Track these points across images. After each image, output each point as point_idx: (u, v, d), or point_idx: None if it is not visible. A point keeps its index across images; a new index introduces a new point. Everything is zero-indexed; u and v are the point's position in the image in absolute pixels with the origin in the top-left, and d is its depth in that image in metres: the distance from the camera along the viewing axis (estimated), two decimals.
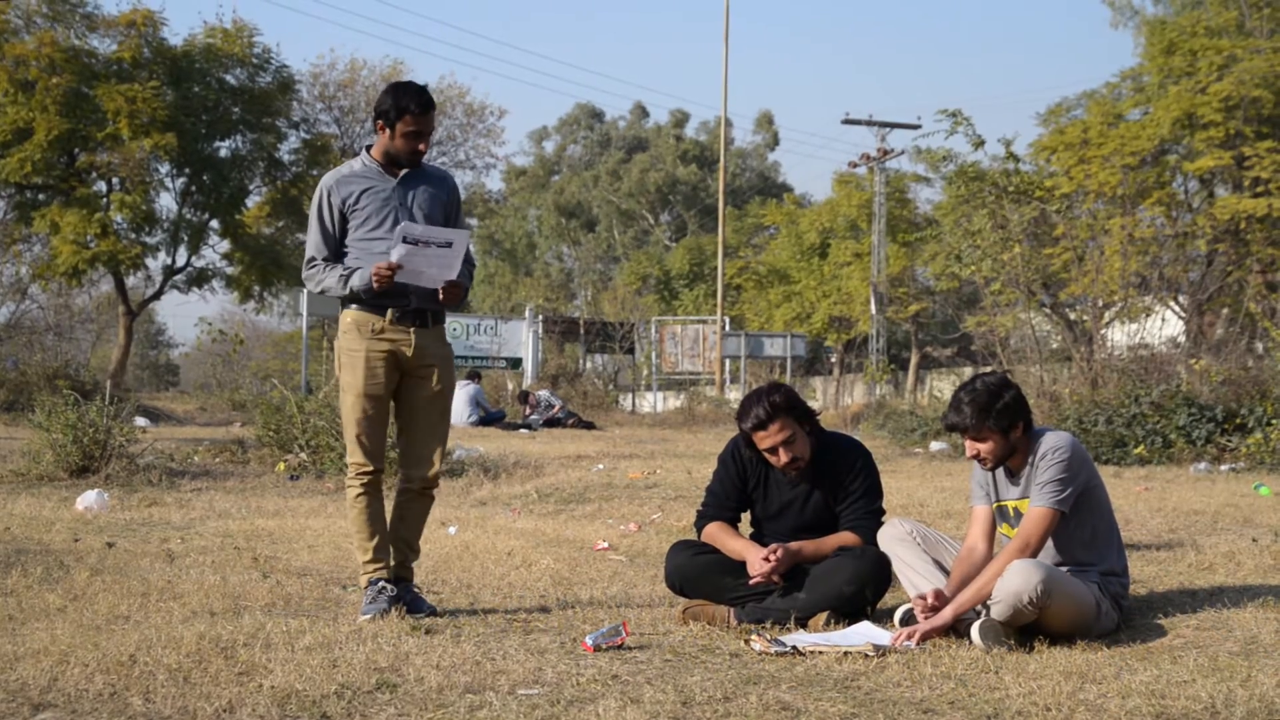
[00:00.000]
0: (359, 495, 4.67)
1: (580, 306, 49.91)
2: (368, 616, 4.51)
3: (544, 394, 21.00)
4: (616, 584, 5.56)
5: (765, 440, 4.68)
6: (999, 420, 4.36)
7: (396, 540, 4.76)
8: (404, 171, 4.66)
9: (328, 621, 4.47)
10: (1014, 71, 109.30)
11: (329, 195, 4.63)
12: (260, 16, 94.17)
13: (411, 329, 4.64)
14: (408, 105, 4.50)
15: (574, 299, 52.74)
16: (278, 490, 10.12)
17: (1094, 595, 4.29)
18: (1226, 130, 22.22)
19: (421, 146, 4.60)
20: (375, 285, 4.52)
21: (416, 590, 4.80)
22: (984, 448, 4.42)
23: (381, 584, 4.65)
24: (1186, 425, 12.21)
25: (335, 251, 4.68)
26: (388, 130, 4.55)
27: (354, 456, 4.69)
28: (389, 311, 4.61)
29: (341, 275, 4.60)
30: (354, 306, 4.66)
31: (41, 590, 5.21)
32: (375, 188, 4.63)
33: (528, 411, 20.31)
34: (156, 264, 30.21)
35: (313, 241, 4.70)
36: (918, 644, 4.09)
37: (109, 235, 26.30)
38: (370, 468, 4.67)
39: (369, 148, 4.70)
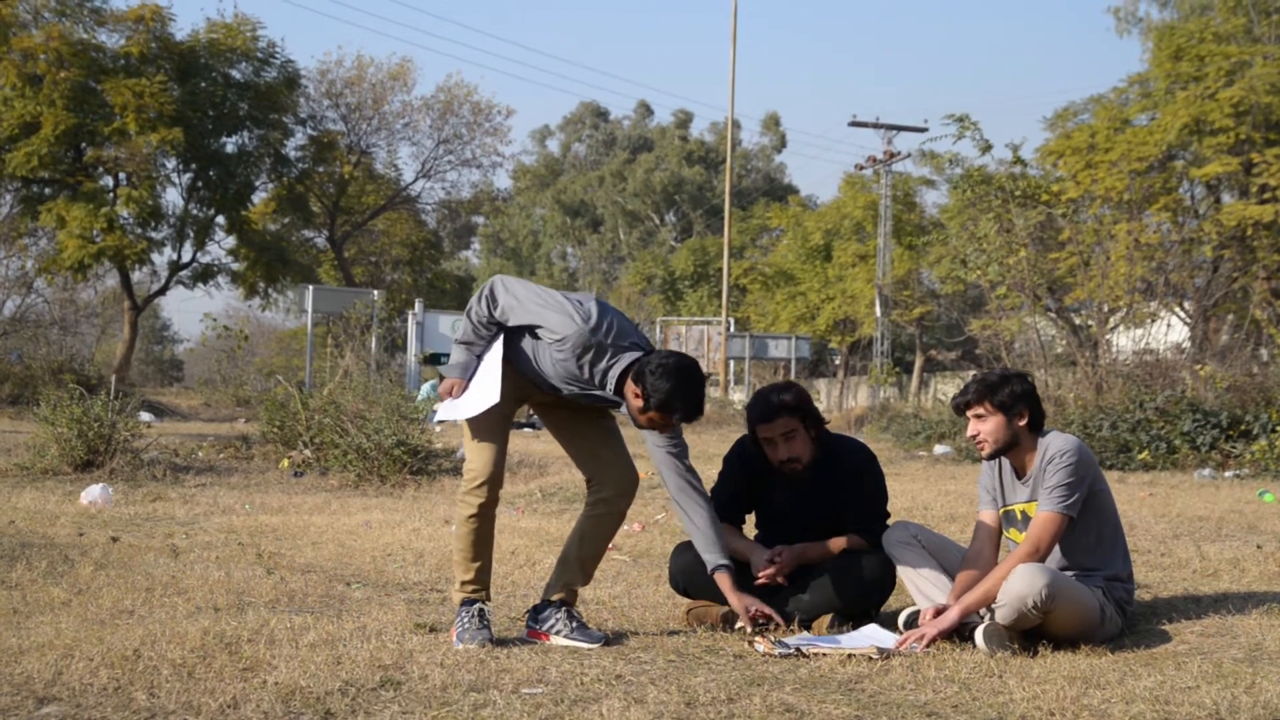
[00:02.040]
0: (471, 517, 4.25)
1: None
2: (460, 646, 4.06)
3: None
4: (620, 584, 5.56)
5: (768, 431, 4.67)
6: (1003, 399, 4.35)
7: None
8: (604, 393, 4.21)
9: (331, 618, 4.47)
10: (1021, 75, 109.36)
11: (565, 344, 4.11)
12: (267, 13, 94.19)
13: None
14: (675, 409, 4.04)
15: None
16: (281, 486, 10.14)
17: (1098, 600, 4.28)
18: (1236, 136, 22.17)
19: (655, 431, 4.21)
20: (439, 388, 4.32)
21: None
22: (984, 428, 4.39)
23: (479, 606, 4.22)
24: (1191, 431, 12.19)
25: (505, 324, 4.25)
26: (641, 400, 4.04)
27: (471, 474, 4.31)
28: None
29: (465, 351, 4.31)
30: None
31: (46, 584, 5.22)
32: (581, 383, 4.21)
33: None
34: (162, 259, 30.30)
35: (519, 301, 4.19)
36: (923, 647, 4.09)
37: (115, 230, 26.32)
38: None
39: (624, 376, 4.11)
